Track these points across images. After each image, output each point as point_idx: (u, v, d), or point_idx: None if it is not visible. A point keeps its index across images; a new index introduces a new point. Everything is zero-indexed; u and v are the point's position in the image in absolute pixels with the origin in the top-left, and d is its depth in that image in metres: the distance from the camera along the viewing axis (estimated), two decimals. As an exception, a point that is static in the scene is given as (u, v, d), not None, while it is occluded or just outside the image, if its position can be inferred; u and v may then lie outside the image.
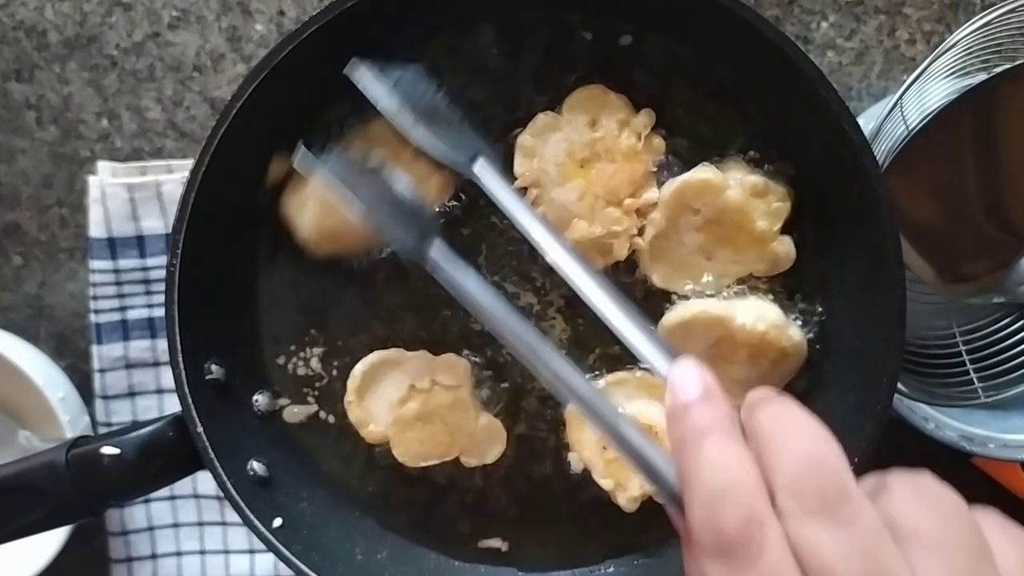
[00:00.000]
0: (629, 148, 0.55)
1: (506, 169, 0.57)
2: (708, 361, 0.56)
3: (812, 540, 0.30)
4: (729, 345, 0.56)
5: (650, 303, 0.58)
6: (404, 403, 0.57)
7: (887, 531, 0.31)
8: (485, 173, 0.51)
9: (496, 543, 0.60)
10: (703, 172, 0.55)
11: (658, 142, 0.56)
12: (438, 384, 0.57)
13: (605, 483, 0.57)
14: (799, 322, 0.57)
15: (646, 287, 0.58)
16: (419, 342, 0.59)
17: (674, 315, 0.57)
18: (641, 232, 0.56)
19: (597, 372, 0.58)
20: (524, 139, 0.56)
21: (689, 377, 0.36)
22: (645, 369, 0.58)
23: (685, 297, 0.57)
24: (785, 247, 0.56)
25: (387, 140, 0.55)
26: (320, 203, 0.55)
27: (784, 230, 0.56)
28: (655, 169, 0.56)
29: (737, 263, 0.57)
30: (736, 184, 0.55)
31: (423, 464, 0.57)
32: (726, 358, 0.56)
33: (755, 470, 0.32)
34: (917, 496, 0.32)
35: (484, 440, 0.58)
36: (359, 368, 0.58)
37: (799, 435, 0.33)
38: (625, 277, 0.58)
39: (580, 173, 0.56)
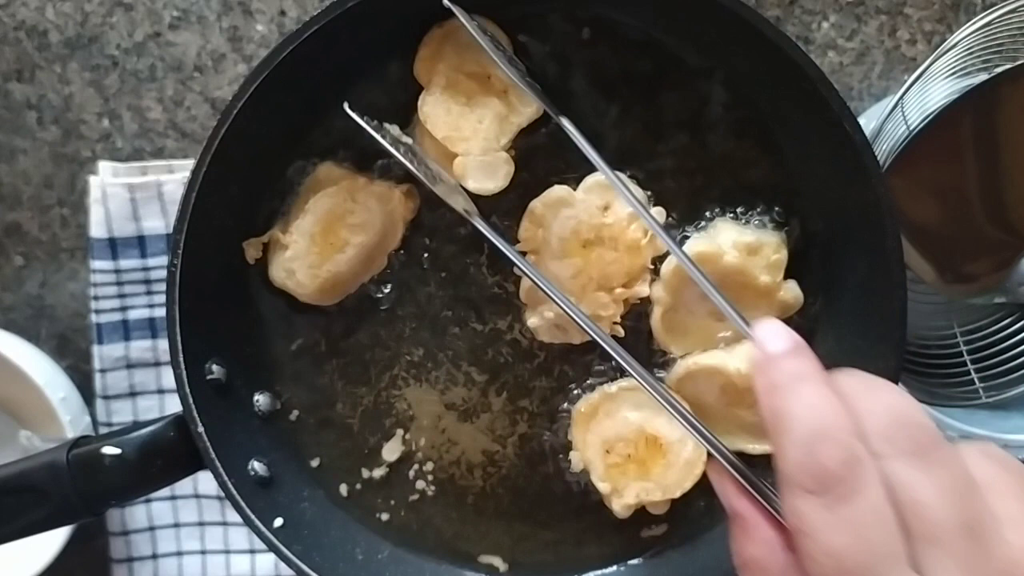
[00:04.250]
0: (634, 241, 0.55)
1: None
2: (723, 407, 0.56)
3: (908, 479, 0.33)
4: (734, 391, 0.56)
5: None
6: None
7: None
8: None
9: (496, 561, 0.60)
10: (696, 245, 0.55)
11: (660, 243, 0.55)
12: None
13: (602, 487, 0.56)
14: (800, 322, 0.57)
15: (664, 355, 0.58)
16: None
17: (674, 374, 0.57)
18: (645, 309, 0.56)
19: (602, 374, 0.59)
20: (535, 206, 0.56)
21: (778, 331, 0.39)
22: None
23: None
24: (792, 294, 0.56)
25: (340, 177, 0.56)
26: (307, 263, 0.56)
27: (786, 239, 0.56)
28: (652, 267, 0.56)
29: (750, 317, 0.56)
30: (730, 247, 0.54)
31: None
32: (736, 403, 0.56)
33: (849, 415, 0.35)
34: (986, 456, 0.36)
35: None
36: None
37: (885, 390, 0.36)
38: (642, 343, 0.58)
39: (580, 253, 0.55)
